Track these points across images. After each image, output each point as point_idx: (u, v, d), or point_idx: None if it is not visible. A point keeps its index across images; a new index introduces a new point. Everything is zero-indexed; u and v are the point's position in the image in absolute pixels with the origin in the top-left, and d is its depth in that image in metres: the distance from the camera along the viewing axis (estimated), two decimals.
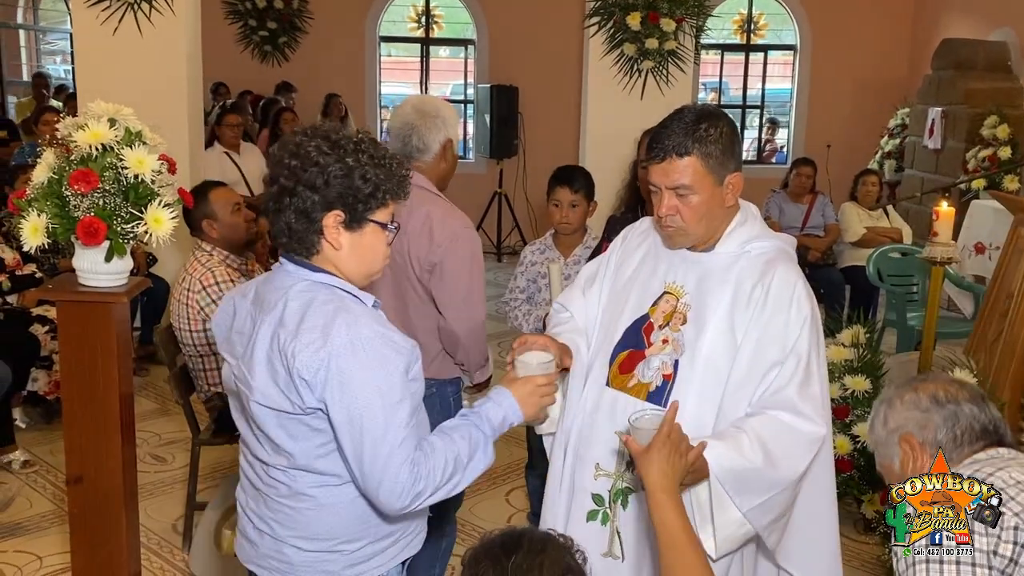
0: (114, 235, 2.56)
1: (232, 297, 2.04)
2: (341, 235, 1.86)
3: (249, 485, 2.03)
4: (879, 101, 9.80)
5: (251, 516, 2.02)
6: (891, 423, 1.81)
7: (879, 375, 4.14)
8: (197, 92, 5.72)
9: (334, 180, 1.82)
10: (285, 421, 1.85)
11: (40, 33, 11.86)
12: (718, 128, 2.09)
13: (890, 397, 1.85)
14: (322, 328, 1.78)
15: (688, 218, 2.11)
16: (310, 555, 1.94)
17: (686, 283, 2.19)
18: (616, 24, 5.68)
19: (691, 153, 2.06)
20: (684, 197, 2.09)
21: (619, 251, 2.39)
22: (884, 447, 1.83)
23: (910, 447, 1.76)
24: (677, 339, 2.16)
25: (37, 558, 3.64)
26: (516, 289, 3.67)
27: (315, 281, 1.87)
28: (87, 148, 2.53)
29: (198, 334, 3.60)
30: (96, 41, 5.33)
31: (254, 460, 1.98)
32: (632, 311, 2.24)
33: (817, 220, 6.89)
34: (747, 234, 2.19)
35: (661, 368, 2.16)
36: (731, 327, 2.12)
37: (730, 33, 10.99)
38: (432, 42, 10.89)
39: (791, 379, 2.08)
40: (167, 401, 5.20)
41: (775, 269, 2.13)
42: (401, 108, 3.03)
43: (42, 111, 6.89)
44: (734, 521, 2.05)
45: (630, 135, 5.83)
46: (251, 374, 1.86)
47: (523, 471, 3.98)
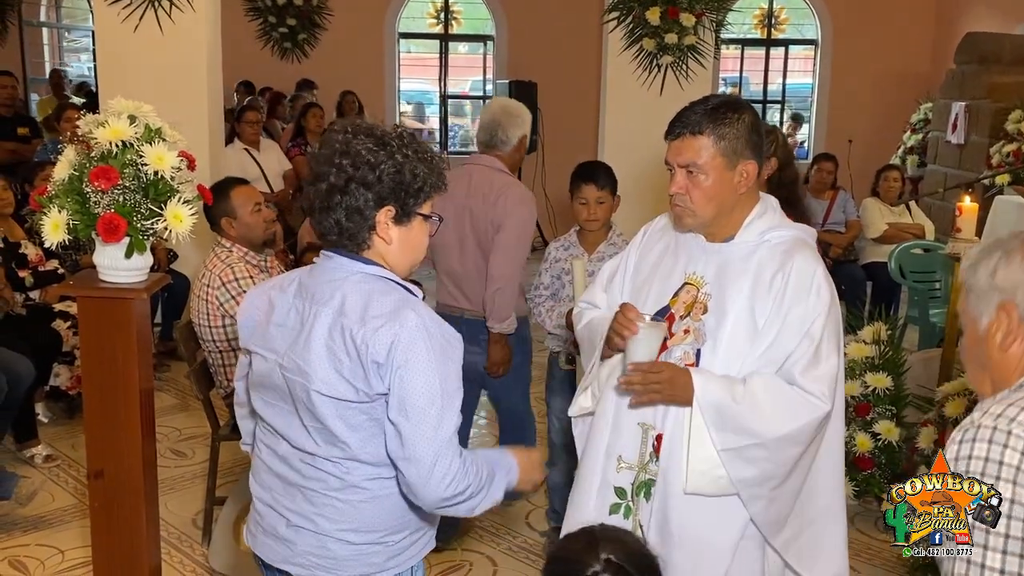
0: (134, 231, 2.58)
1: (266, 291, 2.05)
2: (391, 229, 1.91)
3: (279, 482, 2.01)
4: (901, 96, 9.71)
5: (284, 513, 2.00)
6: (999, 278, 1.55)
7: (900, 372, 4.11)
8: (217, 89, 5.75)
9: (386, 177, 1.86)
10: (345, 411, 1.87)
11: (63, 31, 11.95)
12: (738, 115, 2.13)
13: (1012, 248, 1.57)
14: (390, 315, 1.83)
15: (697, 199, 2.15)
16: (358, 548, 1.95)
17: (706, 273, 2.21)
18: (635, 19, 5.65)
19: (704, 132, 2.11)
20: (694, 176, 2.13)
21: (639, 247, 2.42)
22: (978, 297, 1.58)
23: (1008, 317, 1.53)
24: (699, 328, 2.18)
25: (59, 551, 3.67)
26: (540, 286, 3.66)
27: (369, 273, 1.91)
28: (107, 145, 2.55)
29: (218, 330, 3.61)
30: (118, 38, 5.36)
31: (294, 453, 1.97)
32: (654, 303, 2.26)
33: (838, 216, 6.84)
34: (766, 224, 2.21)
35: (683, 358, 2.18)
36: (752, 315, 2.14)
37: (750, 27, 10.92)
38: (451, 38, 10.90)
39: (799, 359, 2.11)
40: (187, 397, 5.24)
41: (794, 258, 2.15)
42: (491, 106, 3.87)
43: (63, 108, 6.93)
44: (708, 459, 2.10)
45: (649, 131, 5.80)
46: (308, 365, 1.87)
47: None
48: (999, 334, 1.53)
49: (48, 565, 3.58)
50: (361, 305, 1.85)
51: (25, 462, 4.40)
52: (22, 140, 7.40)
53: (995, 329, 1.54)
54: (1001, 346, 1.53)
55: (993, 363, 1.55)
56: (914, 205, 6.97)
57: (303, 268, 2.07)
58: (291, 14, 9.86)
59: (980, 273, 1.57)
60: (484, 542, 3.83)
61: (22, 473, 4.22)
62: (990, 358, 1.55)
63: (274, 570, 2.06)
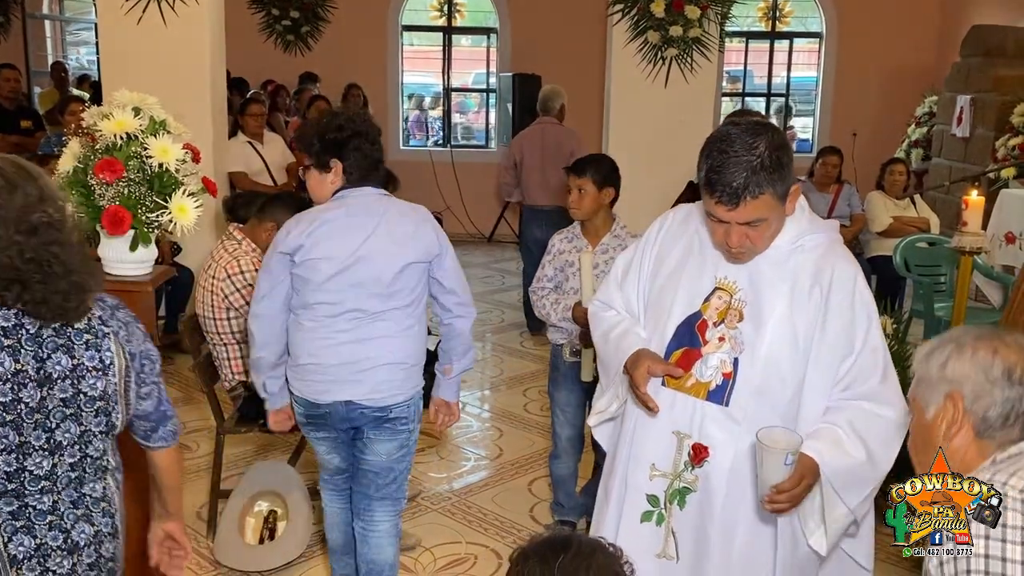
0: (139, 224, 2.58)
1: (322, 220, 2.78)
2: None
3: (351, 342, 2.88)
4: (906, 89, 9.68)
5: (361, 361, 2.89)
6: (949, 370, 1.60)
7: (906, 366, 4.09)
8: (221, 81, 5.74)
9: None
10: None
11: (65, 23, 11.94)
12: (776, 147, 2.02)
13: (964, 343, 1.62)
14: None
15: (759, 242, 2.11)
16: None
17: (738, 279, 2.17)
18: (640, 11, 5.63)
19: (764, 192, 2.00)
20: (756, 226, 2.06)
21: (657, 242, 2.35)
22: (927, 387, 1.63)
23: (954, 407, 1.58)
24: (735, 336, 2.14)
25: None
26: (544, 278, 3.65)
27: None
28: (112, 137, 2.54)
29: (223, 322, 3.61)
30: (120, 31, 5.35)
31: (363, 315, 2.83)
32: (683, 308, 2.21)
33: (843, 209, 6.82)
34: (797, 228, 2.16)
35: (720, 367, 2.14)
36: (791, 324, 2.11)
37: (755, 20, 10.88)
38: (454, 31, 10.86)
39: (872, 371, 2.10)
40: (192, 390, 5.24)
41: (833, 265, 2.13)
42: (544, 89, 6.89)
43: (68, 101, 6.92)
44: (841, 516, 2.10)
45: (654, 123, 5.82)
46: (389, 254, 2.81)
47: (547, 461, 3.98)
48: (944, 424, 1.58)
49: None
50: (409, 208, 2.98)
51: None
52: (25, 133, 7.39)
53: (941, 419, 1.59)
54: (945, 436, 1.58)
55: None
56: (919, 198, 6.95)
57: (341, 201, 2.82)
58: (294, 7, 9.83)
59: (931, 365, 1.63)
60: (489, 535, 3.84)
61: None
62: (934, 448, 1.58)
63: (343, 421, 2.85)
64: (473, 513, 4.03)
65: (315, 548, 3.67)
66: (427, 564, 3.62)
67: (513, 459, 4.60)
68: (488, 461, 4.63)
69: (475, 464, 4.60)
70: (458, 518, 3.99)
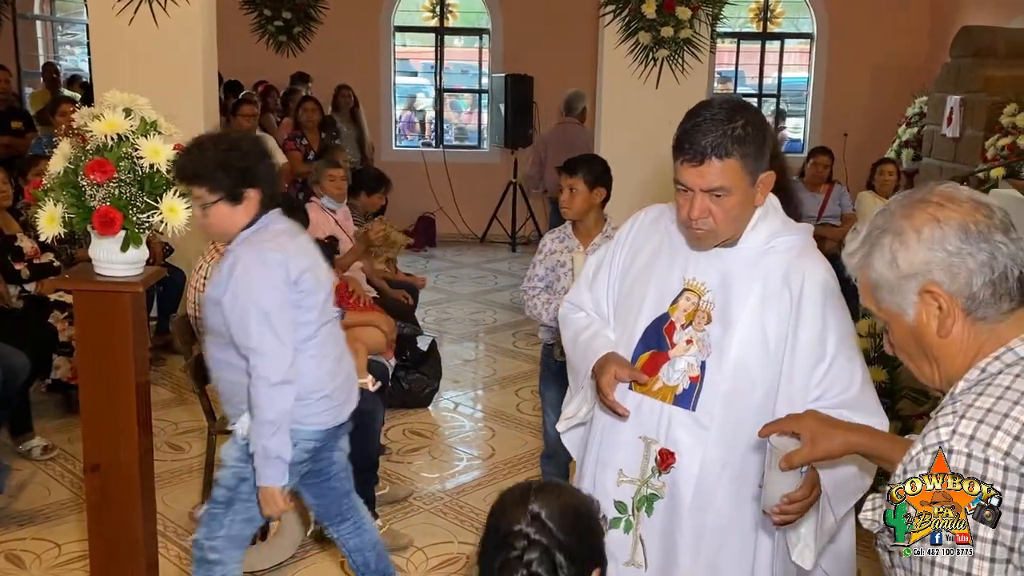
0: (130, 225, 2.58)
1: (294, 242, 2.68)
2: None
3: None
4: (897, 89, 9.71)
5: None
6: (904, 265, 1.39)
7: (895, 366, 4.11)
8: (213, 82, 5.73)
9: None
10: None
11: (57, 24, 11.90)
12: (755, 124, 1.98)
13: (899, 228, 1.40)
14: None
15: (720, 220, 2.01)
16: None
17: (708, 280, 2.11)
18: (631, 12, 5.64)
19: (732, 155, 1.95)
20: (719, 199, 1.99)
21: (627, 242, 2.30)
22: (890, 292, 1.42)
23: (935, 299, 1.38)
24: (702, 339, 2.09)
25: (56, 545, 3.67)
26: (535, 278, 3.66)
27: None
28: (103, 138, 2.55)
29: None
30: (112, 32, 5.34)
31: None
32: (651, 310, 2.16)
33: (834, 209, 6.84)
34: (770, 228, 2.10)
35: (687, 370, 2.10)
36: (762, 327, 2.05)
37: (746, 21, 10.90)
38: (447, 31, 10.87)
39: (849, 380, 2.04)
40: (183, 390, 5.23)
41: (804, 268, 2.06)
42: (568, 92, 7.34)
43: (59, 101, 6.91)
44: (829, 528, 2.03)
45: (645, 124, 5.83)
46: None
47: (539, 461, 3.99)
48: (933, 320, 1.40)
49: (44, 559, 3.58)
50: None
51: (22, 456, 4.40)
52: (16, 134, 7.37)
53: (927, 317, 1.40)
54: (940, 331, 1.40)
55: (936, 352, 1.43)
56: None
57: (281, 232, 2.65)
58: (286, 7, 9.83)
59: (877, 265, 1.42)
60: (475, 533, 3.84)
61: (16, 466, 4.22)
62: (931, 347, 1.43)
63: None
64: (465, 513, 4.04)
65: (307, 548, 3.68)
66: (419, 564, 3.62)
67: (505, 459, 4.61)
68: (480, 461, 4.64)
69: (467, 464, 4.61)
70: (450, 518, 3.99)
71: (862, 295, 1.50)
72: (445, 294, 7.94)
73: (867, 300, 1.49)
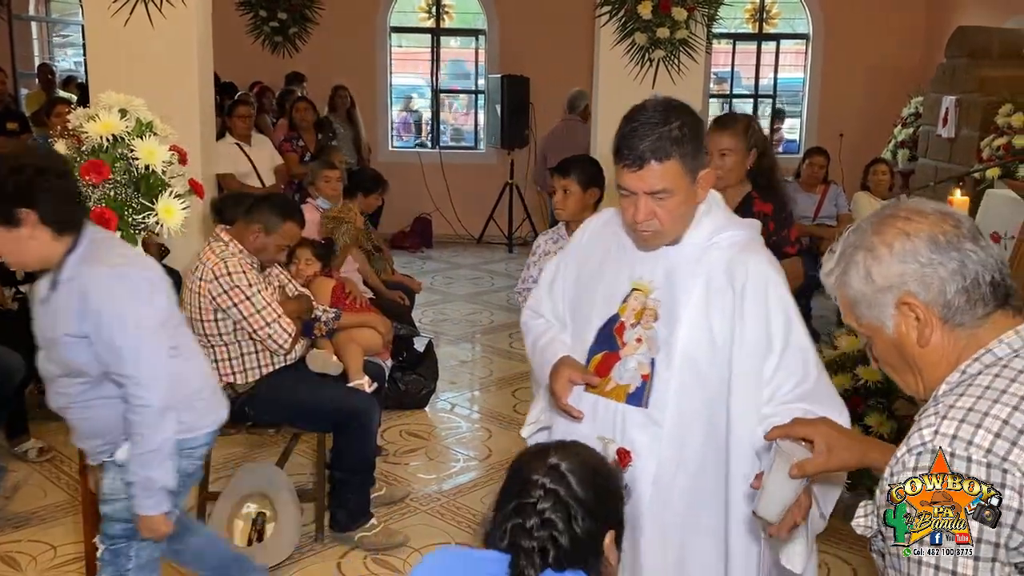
0: (125, 226, 2.58)
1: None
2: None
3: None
4: (892, 90, 9.73)
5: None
6: (879, 279, 1.43)
7: None
8: (208, 83, 5.72)
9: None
10: None
11: (52, 25, 11.89)
12: (689, 124, 2.01)
13: (870, 245, 1.45)
14: None
15: (666, 220, 2.04)
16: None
17: (654, 278, 2.13)
18: (627, 13, 5.64)
19: (671, 156, 1.97)
20: (662, 201, 2.01)
21: (579, 247, 2.33)
22: (868, 306, 1.46)
23: (912, 309, 1.43)
24: (651, 337, 2.10)
25: (51, 547, 3.66)
26: (529, 279, 3.67)
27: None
28: (98, 139, 2.54)
29: (210, 324, 3.61)
30: (107, 33, 5.33)
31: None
32: (602, 311, 2.19)
33: (829, 210, 6.85)
34: (713, 224, 2.13)
35: (638, 368, 2.11)
36: (707, 321, 2.07)
37: (742, 22, 10.92)
38: (443, 32, 10.87)
39: (803, 372, 2.04)
40: None
41: (747, 262, 2.08)
42: (572, 91, 7.39)
43: (54, 103, 6.90)
44: (818, 528, 2.04)
45: None
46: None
47: None
48: (912, 331, 1.44)
49: (40, 561, 3.58)
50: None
51: (18, 458, 4.39)
52: (11, 135, 7.36)
53: (906, 328, 1.44)
54: (920, 341, 1.44)
55: (919, 362, 1.47)
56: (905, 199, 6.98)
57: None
58: (282, 8, 9.82)
59: (853, 282, 1.47)
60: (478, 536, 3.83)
61: (12, 468, 4.21)
62: (913, 357, 1.47)
63: None
64: (462, 514, 4.04)
65: (304, 550, 3.67)
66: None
67: (502, 460, 4.61)
68: (477, 462, 4.64)
69: (464, 465, 4.61)
70: (447, 519, 3.99)
71: (843, 312, 1.54)
72: (441, 295, 7.94)
73: (848, 317, 1.52)
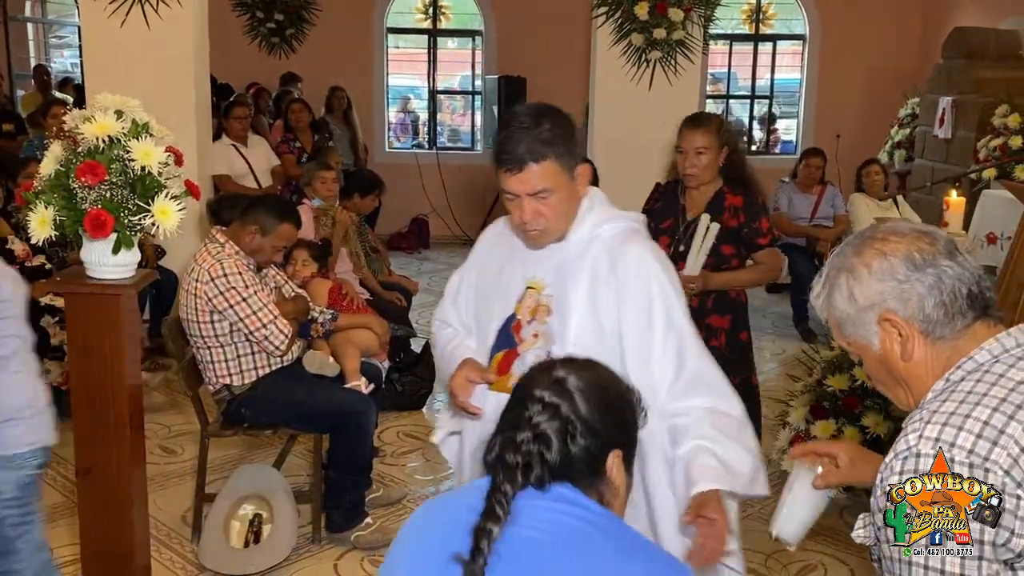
0: (121, 227, 2.56)
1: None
2: None
3: None
4: (889, 90, 9.73)
5: None
6: (861, 299, 1.51)
7: None
8: (205, 84, 5.72)
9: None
10: None
11: (48, 26, 11.87)
12: (560, 124, 2.12)
13: (851, 266, 1.53)
14: None
15: (551, 217, 2.14)
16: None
17: (546, 276, 2.23)
18: (624, 14, 5.65)
19: (547, 157, 2.08)
20: (545, 200, 2.11)
21: (479, 258, 2.43)
22: (854, 325, 1.54)
23: (893, 325, 1.50)
24: (547, 331, 2.21)
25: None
26: None
27: None
28: (94, 140, 2.53)
29: (206, 325, 3.60)
30: (104, 34, 5.33)
31: None
32: (500, 312, 2.28)
33: (826, 211, 6.86)
34: (596, 218, 2.23)
35: (536, 361, 2.12)
36: (594, 310, 2.17)
37: (739, 23, 10.92)
38: (439, 33, 10.87)
39: (687, 354, 2.15)
40: (176, 393, 5.21)
41: (627, 248, 2.19)
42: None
43: (50, 104, 6.89)
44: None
45: (638, 125, 5.83)
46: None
47: None
48: (895, 346, 1.51)
49: None
50: None
51: None
52: (7, 136, 7.36)
53: (890, 343, 1.52)
54: (904, 356, 1.51)
55: (905, 376, 1.53)
56: (901, 200, 7.00)
57: None
58: (279, 9, 9.82)
59: (838, 303, 1.55)
60: None
61: None
62: (900, 372, 1.54)
63: None
64: None
65: (300, 551, 3.67)
66: None
67: None
68: None
69: None
70: None
71: (833, 333, 1.62)
72: (438, 296, 7.89)
73: (838, 337, 1.61)
